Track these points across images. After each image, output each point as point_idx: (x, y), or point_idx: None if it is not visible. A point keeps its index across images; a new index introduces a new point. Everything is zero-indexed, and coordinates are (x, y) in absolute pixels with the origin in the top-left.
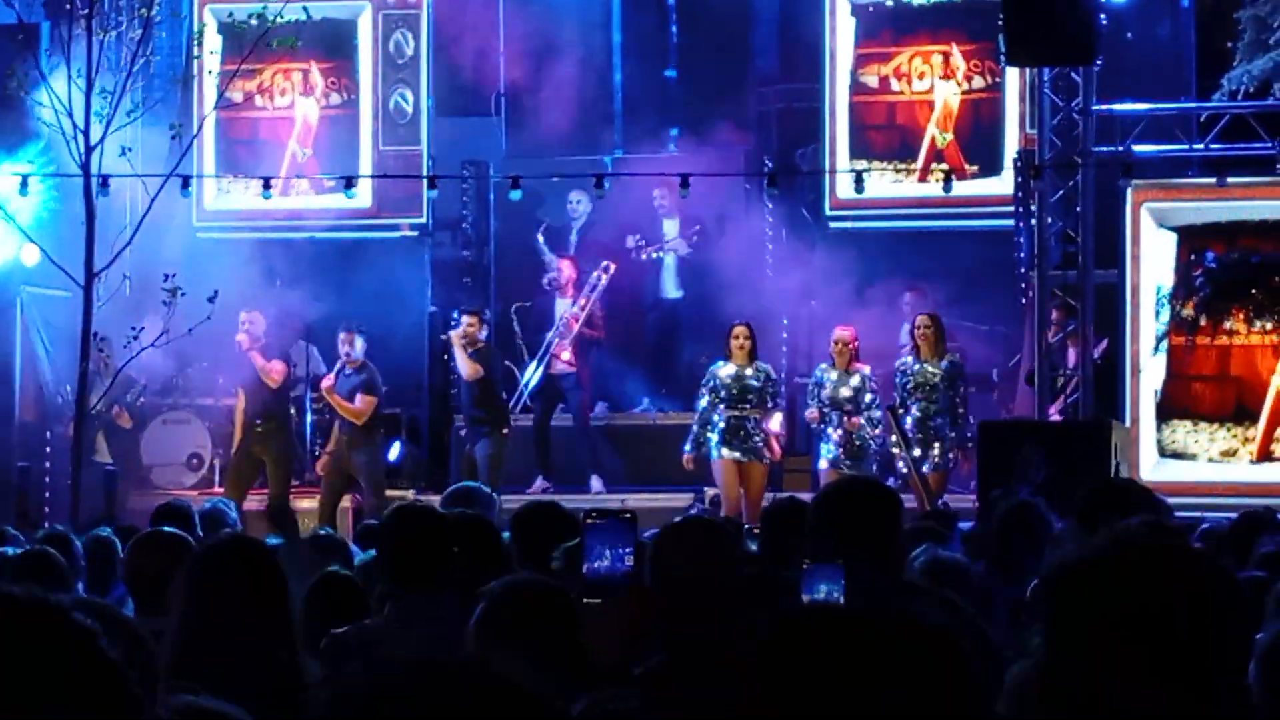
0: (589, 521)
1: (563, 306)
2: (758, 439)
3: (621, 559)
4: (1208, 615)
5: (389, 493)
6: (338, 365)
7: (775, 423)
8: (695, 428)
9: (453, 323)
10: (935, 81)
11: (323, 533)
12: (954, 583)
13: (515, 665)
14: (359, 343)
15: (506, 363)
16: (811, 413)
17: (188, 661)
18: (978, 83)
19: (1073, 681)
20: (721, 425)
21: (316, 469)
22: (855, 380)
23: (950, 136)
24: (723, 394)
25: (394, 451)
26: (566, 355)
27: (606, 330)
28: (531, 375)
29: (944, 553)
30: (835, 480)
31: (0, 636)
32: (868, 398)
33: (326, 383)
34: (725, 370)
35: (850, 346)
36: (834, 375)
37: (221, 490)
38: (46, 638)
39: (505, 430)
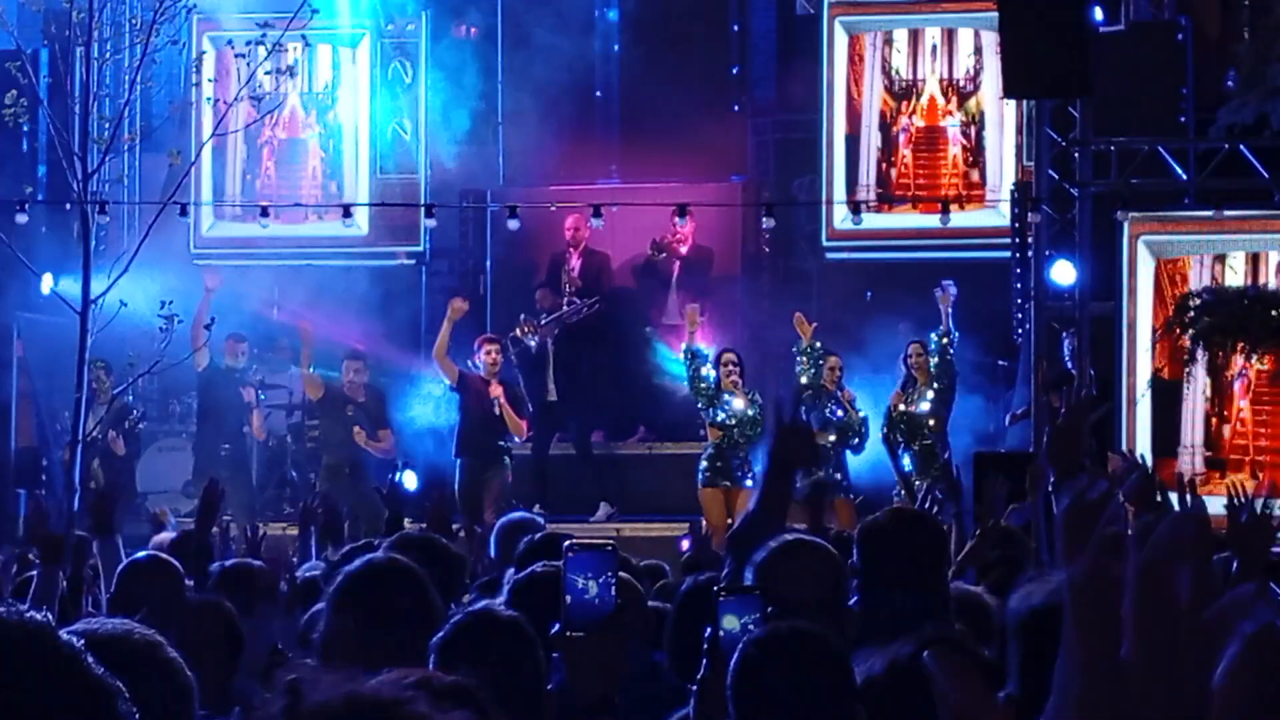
0: (570, 554)
1: None
2: (744, 466)
3: (604, 591)
4: None
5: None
6: (346, 394)
7: None
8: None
9: (475, 352)
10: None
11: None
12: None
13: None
14: (365, 372)
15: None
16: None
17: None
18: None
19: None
20: (711, 452)
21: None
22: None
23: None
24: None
25: (412, 481)
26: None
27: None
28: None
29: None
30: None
31: None
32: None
33: (360, 436)
34: (724, 399)
35: (836, 373)
36: (822, 401)
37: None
38: (31, 658)
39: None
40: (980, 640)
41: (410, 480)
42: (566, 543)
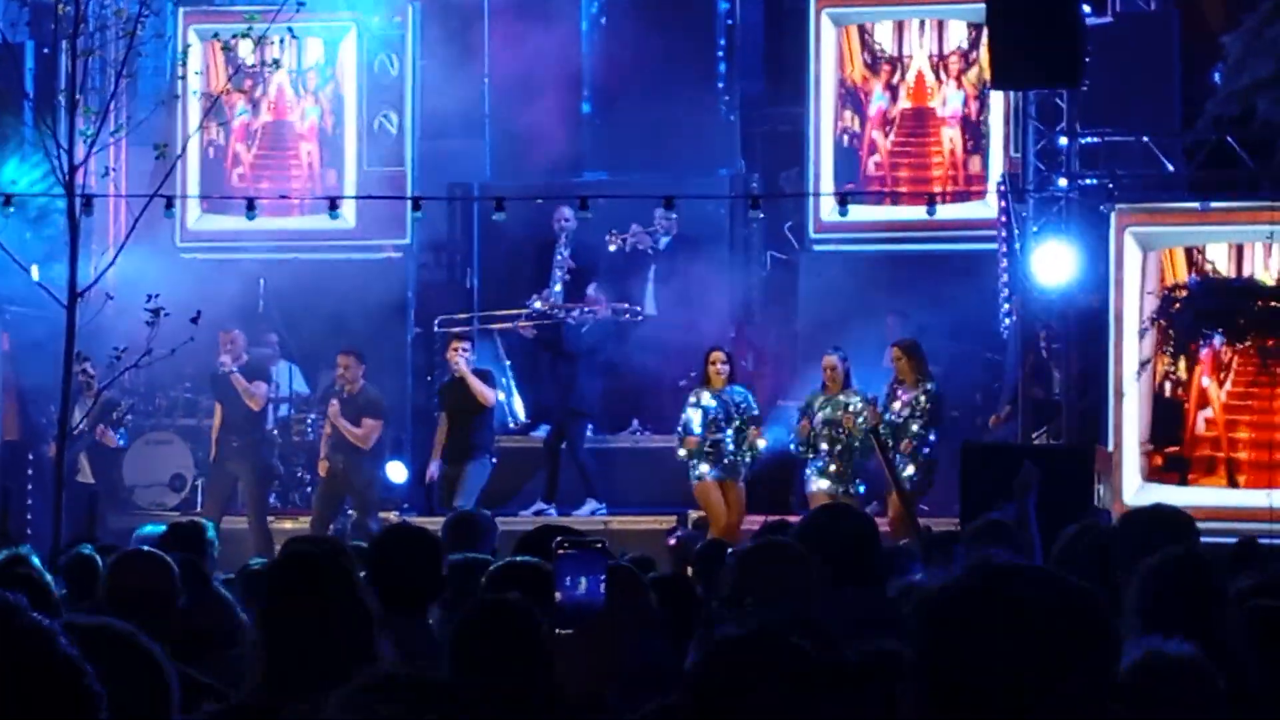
0: (560, 551)
1: None
2: (735, 459)
3: (594, 588)
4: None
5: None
6: (336, 388)
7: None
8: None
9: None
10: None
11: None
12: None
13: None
14: (358, 366)
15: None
16: (803, 424)
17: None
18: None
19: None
20: (707, 449)
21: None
22: (857, 402)
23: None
24: (709, 417)
25: (401, 474)
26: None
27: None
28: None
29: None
30: (817, 509)
31: None
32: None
33: (334, 409)
34: (706, 396)
35: (838, 372)
36: (821, 399)
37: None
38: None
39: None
40: None
41: (397, 472)
42: (556, 540)
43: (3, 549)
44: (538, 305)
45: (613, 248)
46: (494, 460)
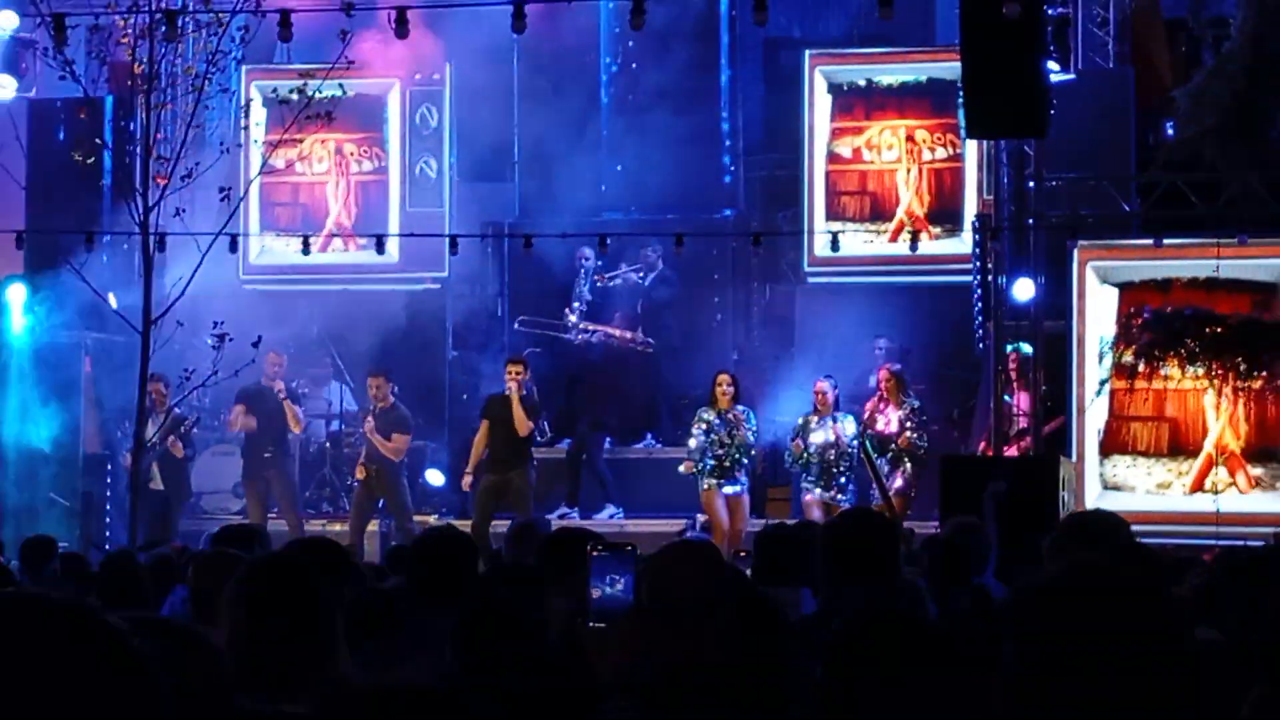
0: (594, 554)
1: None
2: (741, 474)
3: (624, 587)
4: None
5: (416, 518)
6: (371, 406)
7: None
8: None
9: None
10: (902, 153)
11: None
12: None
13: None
14: (387, 385)
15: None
16: (795, 444)
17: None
18: (941, 154)
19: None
20: (712, 462)
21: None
22: (849, 425)
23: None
24: (713, 433)
25: (439, 480)
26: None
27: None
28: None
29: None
30: (841, 514)
31: (40, 637)
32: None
33: (369, 425)
34: (711, 414)
35: (828, 397)
36: (815, 422)
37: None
38: (81, 637)
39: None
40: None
41: (435, 478)
42: (590, 544)
43: (87, 548)
44: (571, 319)
45: (600, 284)
46: (535, 468)
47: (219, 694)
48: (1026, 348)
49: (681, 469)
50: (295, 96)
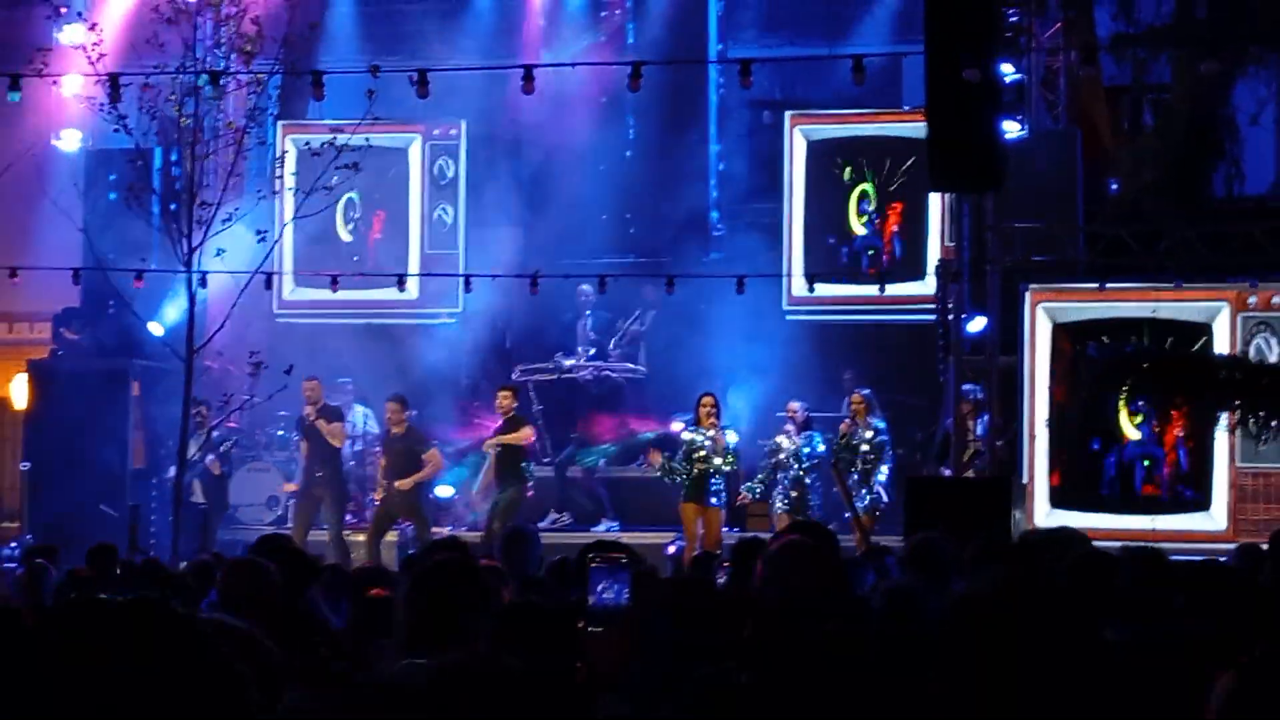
0: (592, 563)
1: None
2: (719, 489)
3: (620, 593)
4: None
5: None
6: (388, 429)
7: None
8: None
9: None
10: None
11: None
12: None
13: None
14: (400, 410)
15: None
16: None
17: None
18: (906, 204)
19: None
20: (687, 479)
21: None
22: (817, 443)
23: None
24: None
25: (448, 494)
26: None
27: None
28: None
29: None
30: (786, 527)
31: (137, 634)
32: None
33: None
34: (696, 433)
35: (799, 417)
36: (785, 441)
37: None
38: (174, 637)
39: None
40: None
41: (445, 492)
42: (589, 554)
43: (135, 555)
44: (565, 363)
45: (612, 346)
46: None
47: (271, 682)
48: (979, 394)
49: (650, 459)
50: (326, 148)
